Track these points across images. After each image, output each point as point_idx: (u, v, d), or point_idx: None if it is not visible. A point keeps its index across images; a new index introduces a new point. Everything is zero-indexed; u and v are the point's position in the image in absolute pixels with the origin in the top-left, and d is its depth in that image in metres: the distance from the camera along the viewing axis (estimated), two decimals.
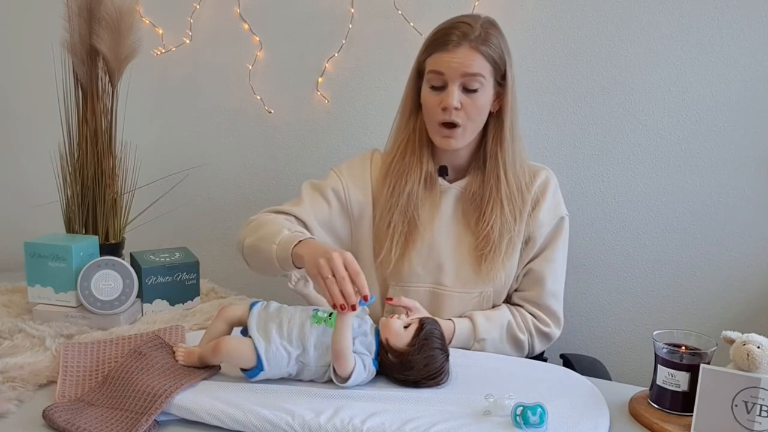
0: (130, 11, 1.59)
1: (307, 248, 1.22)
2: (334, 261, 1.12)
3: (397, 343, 1.16)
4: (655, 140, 1.79)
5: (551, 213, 1.43)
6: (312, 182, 1.49)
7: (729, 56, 1.72)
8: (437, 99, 1.34)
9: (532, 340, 1.42)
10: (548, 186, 1.44)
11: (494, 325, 1.38)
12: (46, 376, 1.18)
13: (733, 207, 1.78)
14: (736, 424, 0.99)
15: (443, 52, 1.32)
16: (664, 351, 1.10)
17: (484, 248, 1.38)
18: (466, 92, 1.33)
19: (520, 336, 1.40)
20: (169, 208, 1.96)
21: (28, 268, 1.45)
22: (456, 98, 1.32)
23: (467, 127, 1.36)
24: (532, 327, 1.42)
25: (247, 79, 1.94)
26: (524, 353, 1.42)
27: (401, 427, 1.01)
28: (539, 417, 1.01)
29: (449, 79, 1.33)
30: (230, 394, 1.09)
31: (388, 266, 1.41)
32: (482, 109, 1.36)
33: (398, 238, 1.40)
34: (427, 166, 1.42)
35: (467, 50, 1.31)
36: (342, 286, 1.10)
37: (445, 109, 1.33)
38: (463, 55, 1.31)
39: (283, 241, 1.26)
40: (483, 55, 1.32)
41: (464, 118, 1.34)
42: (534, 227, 1.42)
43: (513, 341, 1.40)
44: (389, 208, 1.41)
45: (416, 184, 1.41)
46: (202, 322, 1.44)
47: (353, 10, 1.86)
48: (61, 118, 1.64)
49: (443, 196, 1.43)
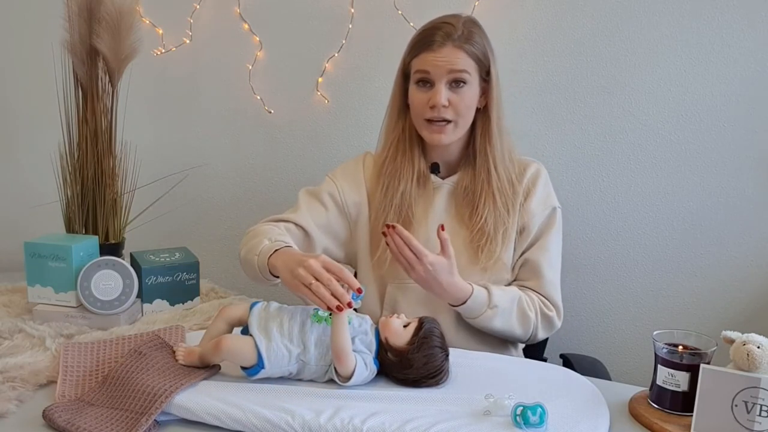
0: (130, 11, 1.59)
1: (282, 259, 1.23)
2: (312, 267, 1.12)
3: (397, 341, 1.16)
4: (655, 140, 1.79)
5: (543, 203, 1.45)
6: (308, 189, 1.51)
7: (729, 56, 1.72)
8: (425, 97, 1.37)
9: (537, 322, 1.42)
10: (538, 178, 1.46)
11: (507, 297, 1.38)
12: (46, 376, 1.18)
13: (733, 207, 1.78)
14: (736, 424, 0.99)
15: (428, 52, 1.36)
16: (664, 351, 1.10)
17: (480, 240, 1.40)
18: (453, 89, 1.36)
19: (528, 313, 1.40)
20: (169, 208, 1.96)
21: (28, 268, 1.45)
22: (444, 95, 1.35)
23: (457, 123, 1.38)
24: (538, 307, 1.42)
25: (247, 79, 1.94)
26: (528, 333, 1.42)
27: (401, 427, 1.01)
28: (539, 417, 1.01)
29: (436, 78, 1.36)
30: (230, 394, 1.09)
31: (384, 264, 1.42)
32: (470, 104, 1.38)
33: None
34: (419, 164, 1.44)
35: (451, 49, 1.35)
36: (331, 288, 1.10)
37: (434, 106, 1.36)
38: (448, 53, 1.35)
39: (263, 252, 1.28)
40: (467, 52, 1.35)
41: (453, 114, 1.37)
42: (527, 217, 1.44)
43: (522, 316, 1.40)
44: (383, 208, 1.43)
45: (409, 183, 1.43)
46: (202, 322, 1.44)
47: (353, 10, 1.86)
48: (61, 118, 1.64)
49: (436, 192, 1.45)
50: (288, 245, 1.30)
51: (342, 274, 1.12)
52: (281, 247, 1.27)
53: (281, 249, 1.26)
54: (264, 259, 1.27)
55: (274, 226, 1.40)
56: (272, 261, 1.25)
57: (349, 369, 1.12)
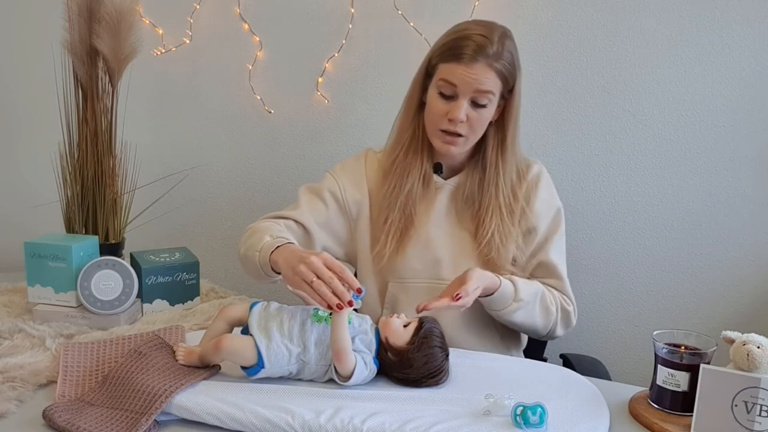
0: (130, 11, 1.58)
1: (283, 255, 1.22)
2: (314, 264, 1.12)
3: (397, 341, 1.16)
4: (655, 140, 1.79)
5: (547, 204, 1.45)
6: (308, 186, 1.50)
7: (729, 56, 1.72)
8: (445, 107, 1.34)
9: (557, 316, 1.42)
10: (540, 178, 1.46)
11: (531, 290, 1.39)
12: (46, 376, 1.18)
13: (733, 207, 1.78)
14: (736, 424, 0.99)
15: (458, 64, 1.31)
16: (664, 351, 1.10)
17: (488, 254, 1.40)
18: (474, 107, 1.34)
19: (550, 307, 1.41)
20: (169, 208, 1.96)
21: (28, 268, 1.45)
22: (464, 112, 1.32)
23: (469, 138, 1.37)
24: (559, 303, 1.43)
25: (247, 79, 1.94)
26: (548, 327, 1.42)
27: (401, 427, 1.01)
28: (539, 417, 1.01)
29: (460, 93, 1.32)
30: (230, 394, 1.09)
31: (382, 260, 1.42)
32: (485, 122, 1.37)
33: (394, 233, 1.41)
34: (426, 164, 1.44)
35: (483, 67, 1.30)
36: (332, 286, 1.10)
37: (452, 120, 1.33)
38: (478, 71, 1.30)
39: (264, 248, 1.27)
40: (496, 72, 1.31)
41: (467, 130, 1.35)
42: (533, 218, 1.43)
43: (544, 309, 1.40)
44: (387, 204, 1.42)
45: (416, 181, 1.42)
46: (202, 322, 1.44)
47: (353, 10, 1.86)
48: (61, 118, 1.64)
49: (438, 192, 1.45)
50: (290, 242, 1.30)
51: (343, 274, 1.12)
52: (283, 244, 1.26)
53: (283, 245, 1.26)
54: (266, 256, 1.26)
55: (274, 223, 1.40)
56: (274, 257, 1.24)
57: (349, 368, 1.12)
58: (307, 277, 1.12)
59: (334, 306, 1.10)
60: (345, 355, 1.11)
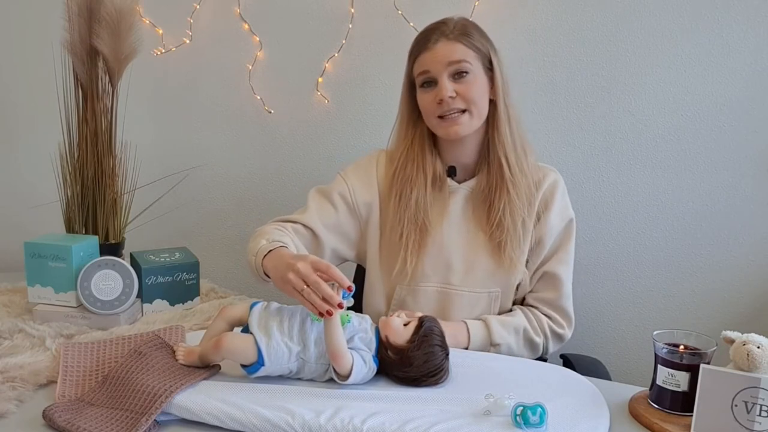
0: (130, 11, 1.58)
1: (273, 262, 1.23)
2: (301, 271, 1.12)
3: (397, 340, 1.16)
4: (655, 140, 1.79)
5: (560, 215, 1.44)
6: (318, 188, 1.49)
7: (729, 56, 1.72)
8: (431, 95, 1.36)
9: (547, 343, 1.43)
10: (557, 188, 1.45)
11: (509, 331, 1.39)
12: (46, 376, 1.18)
13: (733, 207, 1.78)
14: (736, 424, 0.99)
15: (425, 53, 1.36)
16: (664, 351, 1.10)
17: (500, 236, 1.39)
18: (457, 80, 1.35)
19: (535, 339, 1.41)
20: (169, 208, 1.95)
21: (28, 268, 1.45)
22: (448, 88, 1.34)
23: (471, 112, 1.36)
24: (547, 329, 1.42)
25: (247, 79, 1.94)
26: (537, 355, 1.43)
27: (401, 427, 1.01)
28: (539, 417, 1.01)
29: (437, 73, 1.35)
30: (230, 394, 1.09)
31: (406, 277, 1.41)
32: (479, 92, 1.36)
33: (412, 247, 1.40)
34: (433, 169, 1.42)
35: (446, 42, 1.35)
36: (320, 291, 1.10)
37: (441, 101, 1.34)
38: (443, 47, 1.35)
39: (259, 253, 1.28)
40: (463, 43, 1.35)
41: (463, 102, 1.35)
42: (544, 230, 1.42)
43: (529, 345, 1.41)
44: (399, 219, 1.41)
45: (422, 190, 1.41)
46: (202, 322, 1.44)
47: (353, 10, 1.86)
48: (61, 118, 1.64)
49: (452, 196, 1.44)
50: (283, 245, 1.29)
51: (330, 272, 1.12)
52: (275, 248, 1.26)
53: (274, 250, 1.25)
54: (259, 261, 1.26)
55: (280, 227, 1.40)
56: (265, 263, 1.25)
57: (346, 367, 1.12)
58: (297, 286, 1.12)
59: (324, 312, 1.10)
60: (341, 355, 1.11)
